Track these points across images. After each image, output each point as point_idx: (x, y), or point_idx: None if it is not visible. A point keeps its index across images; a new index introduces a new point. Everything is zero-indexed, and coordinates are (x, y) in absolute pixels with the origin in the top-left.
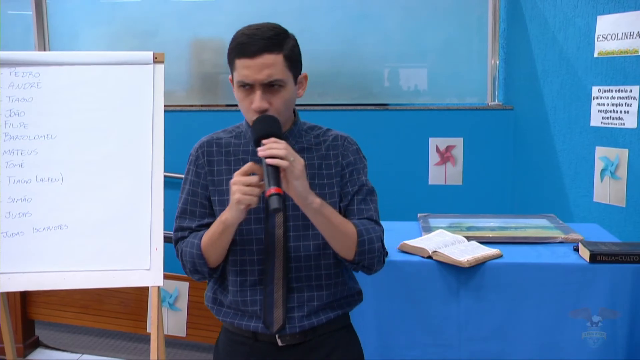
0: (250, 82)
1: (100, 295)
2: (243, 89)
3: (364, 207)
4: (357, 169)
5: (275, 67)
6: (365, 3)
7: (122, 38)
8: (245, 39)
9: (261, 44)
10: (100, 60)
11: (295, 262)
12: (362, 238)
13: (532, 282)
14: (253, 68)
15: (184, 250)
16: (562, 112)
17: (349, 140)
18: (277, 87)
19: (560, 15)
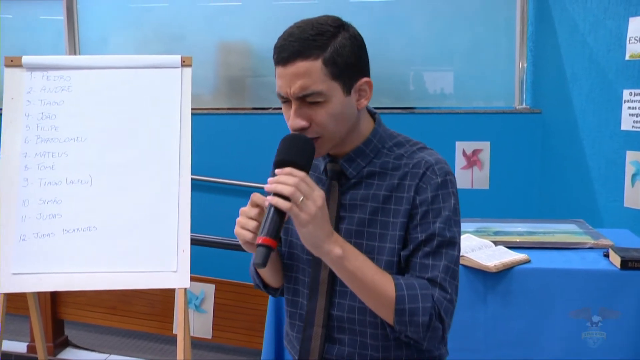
0: (283, 94)
1: (128, 296)
2: (283, 103)
3: (429, 263)
4: (433, 211)
5: (311, 76)
6: (391, 6)
7: (150, 42)
8: (281, 41)
9: (294, 48)
10: (129, 64)
11: (338, 311)
12: (401, 307)
13: (561, 288)
14: (285, 78)
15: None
16: (592, 116)
17: (435, 169)
18: (315, 101)
19: (591, 17)
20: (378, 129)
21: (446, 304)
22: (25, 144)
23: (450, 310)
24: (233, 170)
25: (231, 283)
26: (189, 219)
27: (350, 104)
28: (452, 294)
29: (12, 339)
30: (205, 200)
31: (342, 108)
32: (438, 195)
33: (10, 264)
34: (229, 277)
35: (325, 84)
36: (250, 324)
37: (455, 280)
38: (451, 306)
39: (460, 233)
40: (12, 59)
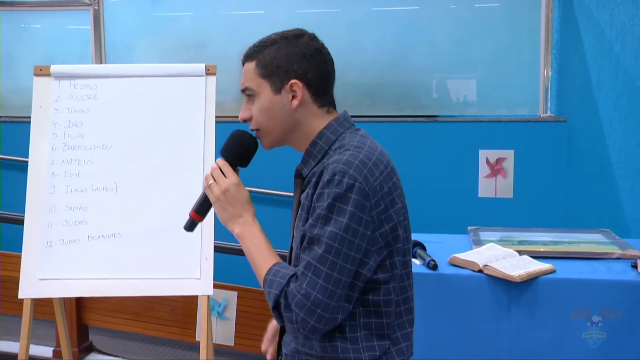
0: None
1: (151, 303)
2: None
3: (302, 257)
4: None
5: (247, 75)
6: (414, 14)
7: (175, 50)
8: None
9: (246, 52)
10: (155, 73)
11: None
12: (265, 289)
13: (587, 298)
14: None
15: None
16: (619, 124)
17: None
18: (250, 95)
19: (618, 24)
20: (325, 132)
21: (299, 298)
22: (52, 152)
23: (303, 305)
24: (256, 178)
25: (254, 290)
26: (213, 227)
27: (281, 102)
28: (307, 288)
29: (38, 344)
30: None
31: (270, 104)
32: (323, 193)
33: (37, 270)
34: (251, 284)
35: (255, 81)
36: None
37: (318, 277)
38: (305, 301)
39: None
40: (41, 68)
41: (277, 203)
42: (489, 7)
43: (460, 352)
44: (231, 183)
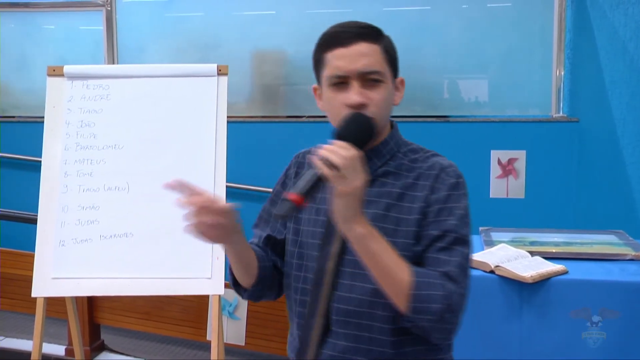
0: (344, 73)
1: (162, 302)
2: (334, 87)
3: (443, 258)
4: (447, 209)
5: (374, 56)
6: (425, 14)
7: (186, 51)
8: (337, 28)
9: (356, 31)
10: (167, 73)
11: (340, 303)
12: (417, 292)
13: (600, 300)
14: (348, 58)
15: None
16: (632, 125)
17: (449, 171)
18: (375, 81)
19: (632, 24)
20: (395, 133)
21: (457, 298)
22: (65, 151)
23: (461, 305)
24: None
25: None
26: None
27: (392, 95)
28: (464, 289)
29: (51, 342)
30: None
31: (389, 95)
32: (452, 195)
33: (50, 269)
34: None
35: (384, 66)
36: (283, 331)
37: (467, 279)
38: (462, 301)
39: (471, 234)
40: (54, 69)
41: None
42: (500, 7)
43: (472, 352)
44: (365, 181)
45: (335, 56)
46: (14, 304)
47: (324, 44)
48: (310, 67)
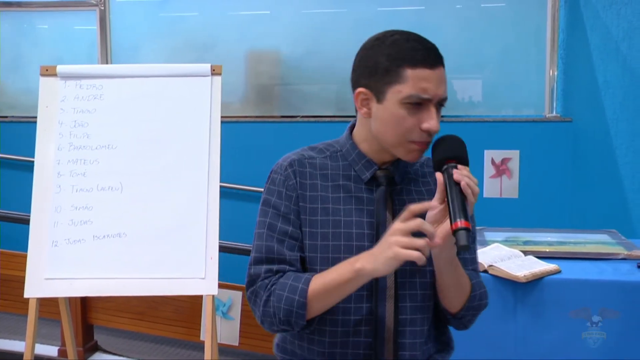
0: (428, 96)
1: (156, 303)
2: (411, 107)
3: (469, 257)
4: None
5: (446, 83)
6: (420, 14)
7: (181, 51)
8: (419, 45)
9: (439, 54)
10: (160, 73)
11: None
12: (475, 293)
13: (593, 299)
14: (435, 81)
15: (278, 294)
16: (625, 124)
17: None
18: (442, 107)
19: (625, 24)
20: None
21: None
22: (58, 151)
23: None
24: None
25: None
26: (218, 226)
27: None
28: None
29: (44, 343)
30: (234, 208)
31: None
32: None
33: (43, 269)
34: None
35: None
36: None
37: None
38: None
39: None
40: (47, 68)
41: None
42: (495, 7)
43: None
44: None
45: (420, 76)
46: (7, 304)
47: (406, 59)
48: (304, 67)
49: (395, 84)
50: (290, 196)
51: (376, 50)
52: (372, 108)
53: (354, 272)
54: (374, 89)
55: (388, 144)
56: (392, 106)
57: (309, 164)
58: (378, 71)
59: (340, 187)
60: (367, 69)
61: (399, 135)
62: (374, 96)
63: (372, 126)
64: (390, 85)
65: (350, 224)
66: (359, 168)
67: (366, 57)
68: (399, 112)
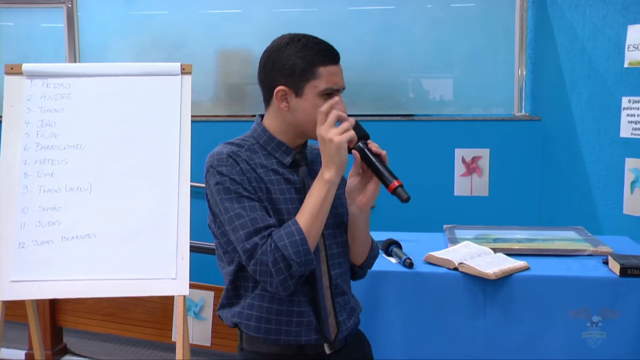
0: (338, 87)
1: (127, 304)
2: (325, 97)
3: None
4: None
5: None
6: (391, 14)
7: (150, 50)
8: (325, 46)
9: (337, 52)
10: (129, 72)
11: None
12: (374, 244)
13: (560, 295)
14: (339, 75)
15: (280, 245)
16: (591, 123)
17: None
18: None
19: (590, 25)
20: None
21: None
22: (25, 151)
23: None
24: None
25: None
26: (189, 226)
27: None
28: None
29: (10, 347)
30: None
31: None
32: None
33: (9, 272)
34: None
35: None
36: None
37: None
38: None
39: None
40: (12, 67)
41: None
42: (464, 7)
43: (437, 349)
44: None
45: (330, 72)
46: None
47: (319, 59)
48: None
49: (311, 80)
50: (243, 179)
51: (289, 53)
52: (291, 102)
53: (326, 183)
54: (293, 86)
55: (309, 130)
56: (311, 99)
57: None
58: (296, 71)
59: (272, 171)
60: (283, 70)
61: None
62: (292, 92)
63: (291, 117)
64: (308, 82)
65: (286, 201)
66: (280, 154)
67: (279, 59)
68: (317, 103)
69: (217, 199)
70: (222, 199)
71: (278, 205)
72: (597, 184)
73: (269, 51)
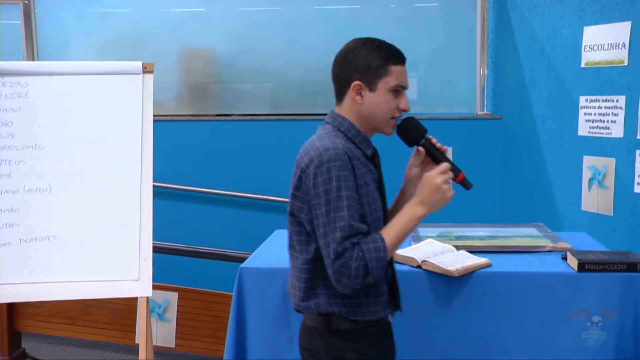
0: (405, 85)
1: (89, 306)
2: (393, 92)
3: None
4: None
5: None
6: (354, 13)
7: (111, 48)
8: (395, 48)
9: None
10: (89, 70)
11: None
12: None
13: (521, 291)
14: (405, 74)
15: (367, 257)
16: (551, 122)
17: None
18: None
19: (548, 26)
20: None
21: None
22: None
23: None
24: (197, 177)
25: (194, 291)
26: (151, 227)
27: None
28: None
29: None
30: (168, 208)
31: None
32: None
33: None
34: (192, 284)
35: None
36: (213, 331)
37: None
38: None
39: None
40: None
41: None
42: (428, 7)
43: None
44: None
45: (399, 71)
46: None
47: (391, 59)
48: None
49: (384, 76)
50: (352, 178)
51: (365, 52)
52: (365, 96)
53: (417, 219)
54: (367, 81)
55: (379, 122)
56: (382, 93)
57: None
58: (371, 68)
59: (362, 164)
60: (360, 67)
61: (386, 114)
62: (366, 87)
63: (365, 109)
64: (381, 78)
65: (373, 191)
66: (364, 147)
67: (356, 57)
68: (387, 97)
69: (321, 191)
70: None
71: (369, 197)
72: (556, 182)
73: (345, 50)
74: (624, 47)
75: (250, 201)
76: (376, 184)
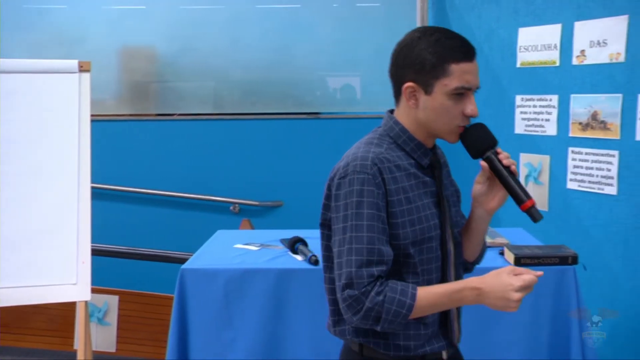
0: (470, 86)
1: (25, 313)
2: (455, 96)
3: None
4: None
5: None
6: (295, 12)
7: (47, 46)
8: (459, 41)
9: (473, 47)
10: (23, 69)
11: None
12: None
13: None
14: (474, 73)
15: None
16: (489, 120)
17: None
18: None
19: (485, 26)
20: None
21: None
22: None
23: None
24: (138, 178)
25: (135, 293)
26: (90, 229)
27: None
28: None
29: None
30: (108, 209)
31: None
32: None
33: None
34: (133, 287)
35: None
36: (155, 334)
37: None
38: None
39: None
40: None
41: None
42: (369, 7)
43: None
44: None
45: (464, 70)
46: None
47: (451, 55)
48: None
49: (442, 77)
50: (380, 194)
51: (420, 48)
52: (420, 99)
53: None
54: (422, 83)
55: (439, 130)
56: (440, 97)
57: (384, 159)
58: (425, 67)
59: (412, 175)
60: (413, 66)
61: (447, 122)
62: (421, 89)
63: (421, 115)
64: (438, 79)
65: (424, 207)
66: (418, 156)
67: (410, 54)
68: (447, 103)
69: (341, 205)
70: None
71: (413, 215)
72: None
73: (400, 44)
74: (556, 48)
75: (192, 201)
76: (434, 199)
